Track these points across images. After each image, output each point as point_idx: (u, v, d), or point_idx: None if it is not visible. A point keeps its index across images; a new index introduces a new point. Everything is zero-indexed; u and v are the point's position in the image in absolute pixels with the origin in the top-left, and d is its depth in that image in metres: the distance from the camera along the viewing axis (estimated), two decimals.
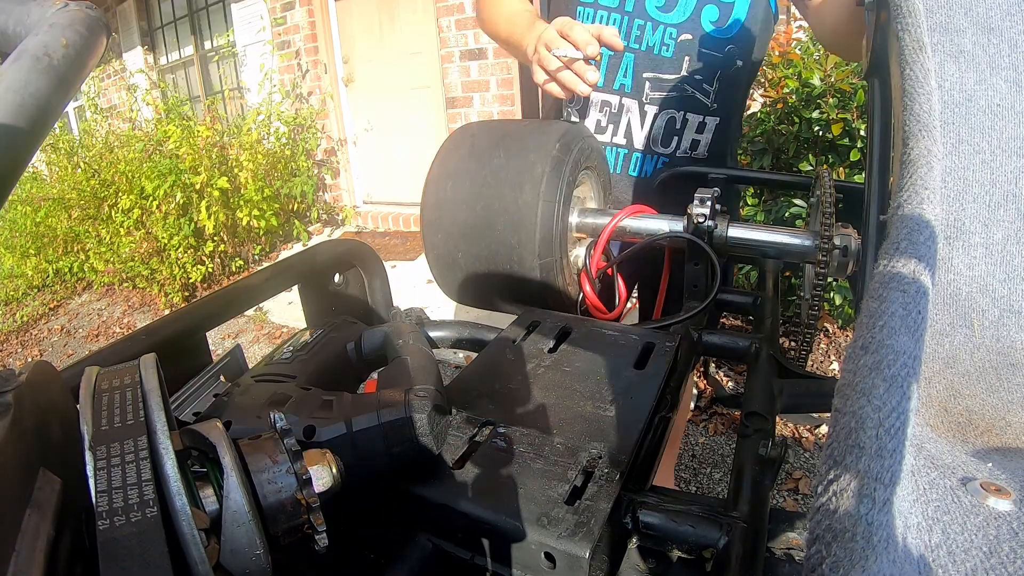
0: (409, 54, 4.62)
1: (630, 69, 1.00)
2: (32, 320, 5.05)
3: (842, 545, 0.21)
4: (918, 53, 0.40)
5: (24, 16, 0.37)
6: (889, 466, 0.23)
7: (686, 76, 0.99)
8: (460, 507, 0.43)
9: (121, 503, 0.27)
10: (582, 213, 0.84)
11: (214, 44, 6.02)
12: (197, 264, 4.47)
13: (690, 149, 1.04)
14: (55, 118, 0.35)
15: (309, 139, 5.06)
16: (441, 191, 0.80)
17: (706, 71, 0.99)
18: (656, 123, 1.02)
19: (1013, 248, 0.43)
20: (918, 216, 0.32)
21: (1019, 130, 0.45)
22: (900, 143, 0.38)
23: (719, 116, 1.02)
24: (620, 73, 1.01)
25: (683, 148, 1.04)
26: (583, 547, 0.39)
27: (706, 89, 1.00)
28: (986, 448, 0.35)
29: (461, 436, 0.51)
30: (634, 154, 1.05)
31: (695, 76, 0.99)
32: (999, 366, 0.41)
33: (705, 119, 1.02)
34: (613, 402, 0.54)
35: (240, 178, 4.48)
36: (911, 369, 0.26)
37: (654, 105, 1.01)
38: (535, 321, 0.69)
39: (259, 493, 0.34)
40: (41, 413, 0.32)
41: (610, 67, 1.01)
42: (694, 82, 0.99)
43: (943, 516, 0.27)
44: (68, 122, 7.70)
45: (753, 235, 0.77)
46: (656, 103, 1.01)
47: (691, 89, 0.99)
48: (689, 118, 1.02)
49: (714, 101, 1.01)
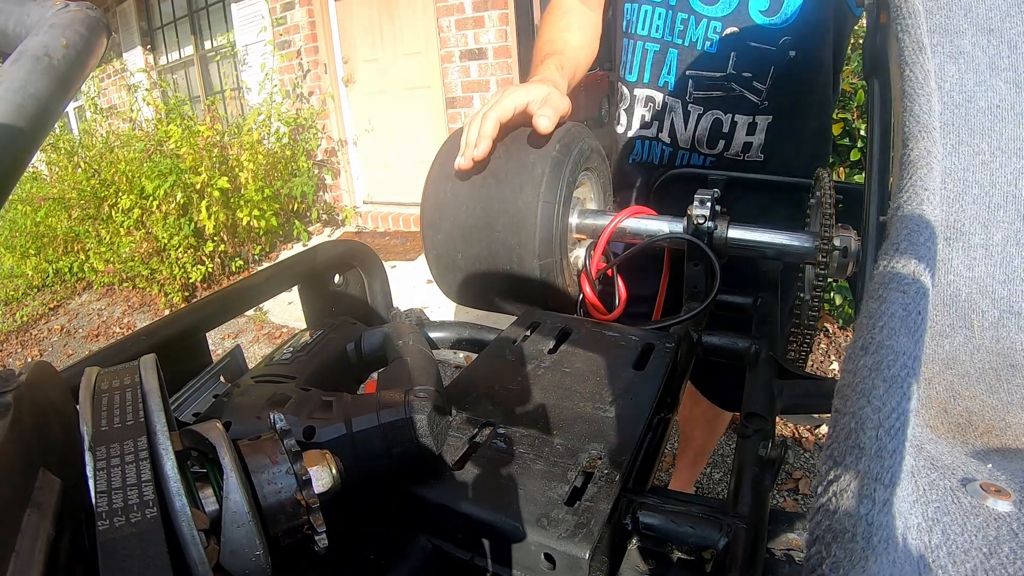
0: (409, 54, 4.62)
1: (674, 66, 0.95)
2: (32, 320, 5.05)
3: (842, 546, 0.21)
4: (918, 54, 0.40)
5: (24, 16, 0.37)
6: (889, 467, 0.23)
7: (732, 73, 0.91)
8: (460, 508, 0.43)
9: (121, 504, 0.27)
10: (582, 214, 0.84)
11: (214, 44, 6.02)
12: (197, 264, 4.47)
13: (742, 151, 0.97)
14: (55, 118, 0.35)
15: (309, 139, 5.06)
16: (441, 191, 0.80)
17: (756, 67, 0.90)
18: (701, 124, 0.96)
19: (1013, 249, 0.43)
20: (918, 217, 0.32)
21: (1019, 131, 0.45)
22: (900, 144, 0.38)
23: (771, 114, 0.94)
24: (664, 70, 0.96)
25: (733, 150, 0.97)
26: (583, 548, 0.39)
27: (756, 87, 0.91)
28: (986, 449, 0.35)
29: (461, 437, 0.51)
30: (679, 151, 1.00)
31: (743, 73, 0.91)
32: (999, 367, 0.41)
33: (755, 118, 0.94)
34: (613, 403, 0.54)
35: (240, 178, 4.48)
36: (911, 370, 0.26)
37: (698, 105, 0.95)
38: (535, 322, 0.69)
39: (259, 494, 0.34)
40: (41, 413, 0.32)
41: (655, 62, 0.96)
42: (742, 80, 0.91)
43: (943, 517, 0.27)
44: (68, 122, 7.70)
45: (753, 236, 0.77)
46: (700, 103, 0.95)
47: (739, 88, 0.92)
48: (738, 120, 0.94)
49: (765, 99, 0.92)
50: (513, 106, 0.76)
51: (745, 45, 0.89)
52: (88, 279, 5.25)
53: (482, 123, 0.74)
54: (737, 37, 0.89)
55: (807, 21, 0.87)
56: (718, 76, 0.92)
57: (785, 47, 0.89)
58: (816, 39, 0.91)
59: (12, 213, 5.50)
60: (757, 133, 0.95)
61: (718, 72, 0.92)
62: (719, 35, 0.90)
